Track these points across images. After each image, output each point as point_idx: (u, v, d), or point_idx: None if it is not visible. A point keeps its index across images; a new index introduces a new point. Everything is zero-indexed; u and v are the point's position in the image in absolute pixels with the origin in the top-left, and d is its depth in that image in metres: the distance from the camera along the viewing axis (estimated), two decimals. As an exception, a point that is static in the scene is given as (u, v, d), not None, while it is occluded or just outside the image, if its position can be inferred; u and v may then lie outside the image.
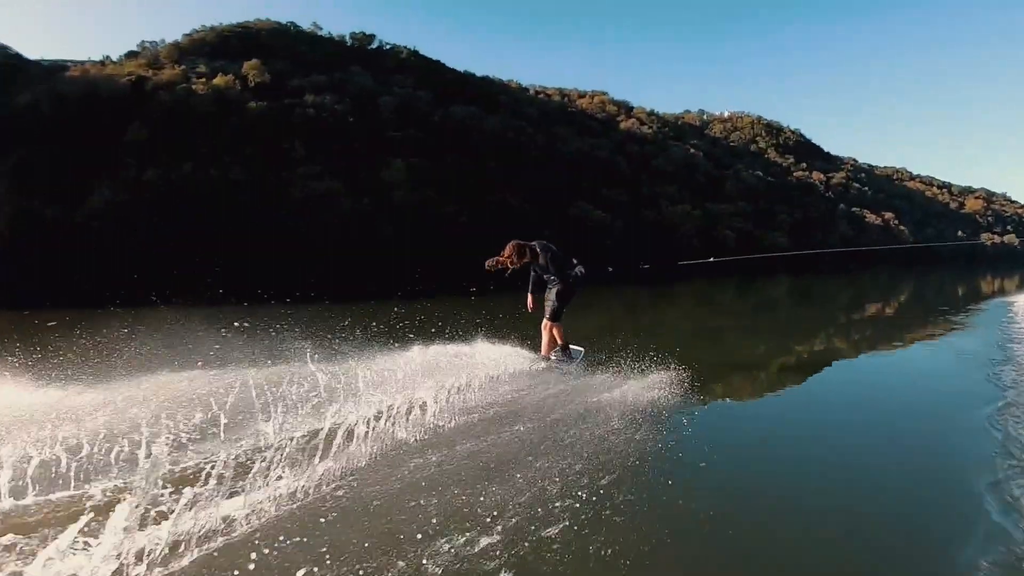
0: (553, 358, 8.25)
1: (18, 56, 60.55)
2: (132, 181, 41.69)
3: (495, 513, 4.05)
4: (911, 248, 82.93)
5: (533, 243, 7.83)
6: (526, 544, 3.71)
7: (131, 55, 56.75)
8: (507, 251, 7.67)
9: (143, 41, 58.60)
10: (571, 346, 8.43)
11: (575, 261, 8.10)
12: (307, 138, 47.65)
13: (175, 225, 40.22)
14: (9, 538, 3.51)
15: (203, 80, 48.49)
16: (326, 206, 42.41)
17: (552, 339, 8.17)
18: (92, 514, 3.27)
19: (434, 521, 3.99)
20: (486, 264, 7.71)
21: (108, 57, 58.19)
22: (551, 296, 7.87)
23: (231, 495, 4.05)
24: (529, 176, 56.35)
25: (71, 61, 56.90)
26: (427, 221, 45.46)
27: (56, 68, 51.86)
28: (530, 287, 8.12)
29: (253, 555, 3.59)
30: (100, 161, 42.13)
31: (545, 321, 8.05)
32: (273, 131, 47.37)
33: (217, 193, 41.86)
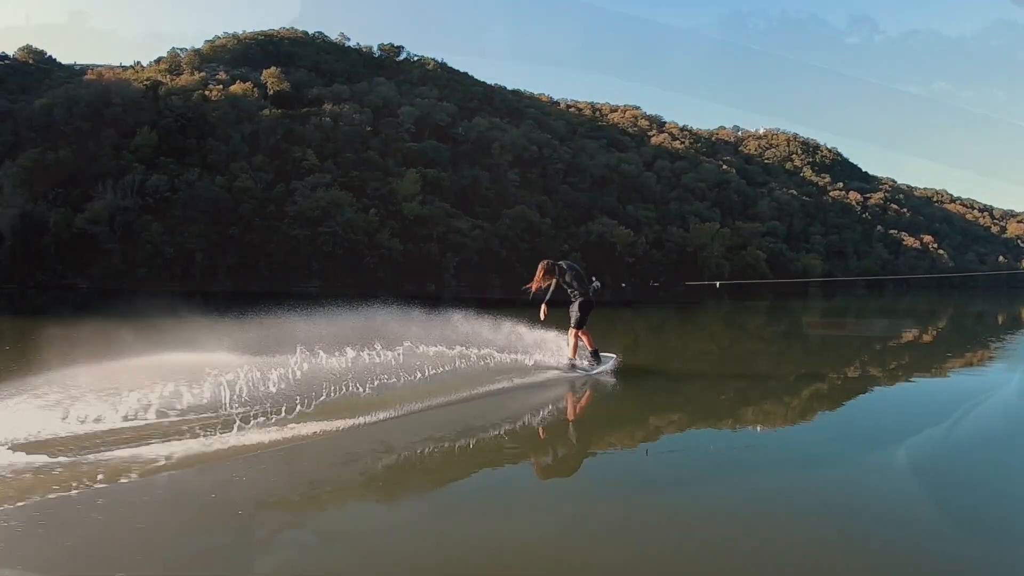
0: (586, 364, 8.29)
1: (50, 60, 58.89)
2: (137, 186, 38.78)
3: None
4: (947, 276, 76.51)
5: (560, 262, 8.31)
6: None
7: (159, 61, 54.30)
8: (540, 272, 8.08)
9: (173, 47, 56.05)
10: (602, 353, 8.55)
11: (593, 278, 8.73)
12: (321, 147, 44.26)
13: (173, 233, 37.21)
14: None
15: (219, 87, 45.50)
16: (329, 215, 38.82)
17: (577, 344, 8.29)
18: None
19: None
20: (532, 287, 8.07)
21: (138, 62, 55.91)
22: (574, 308, 8.17)
23: None
24: (551, 190, 52.11)
25: (103, 66, 54.76)
26: (437, 233, 41.60)
27: (80, 72, 49.67)
28: (547, 297, 8.37)
29: None
30: (107, 165, 39.45)
31: (571, 329, 8.18)
32: (286, 139, 44.16)
33: (221, 201, 38.70)
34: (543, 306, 8.66)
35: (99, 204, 37.83)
